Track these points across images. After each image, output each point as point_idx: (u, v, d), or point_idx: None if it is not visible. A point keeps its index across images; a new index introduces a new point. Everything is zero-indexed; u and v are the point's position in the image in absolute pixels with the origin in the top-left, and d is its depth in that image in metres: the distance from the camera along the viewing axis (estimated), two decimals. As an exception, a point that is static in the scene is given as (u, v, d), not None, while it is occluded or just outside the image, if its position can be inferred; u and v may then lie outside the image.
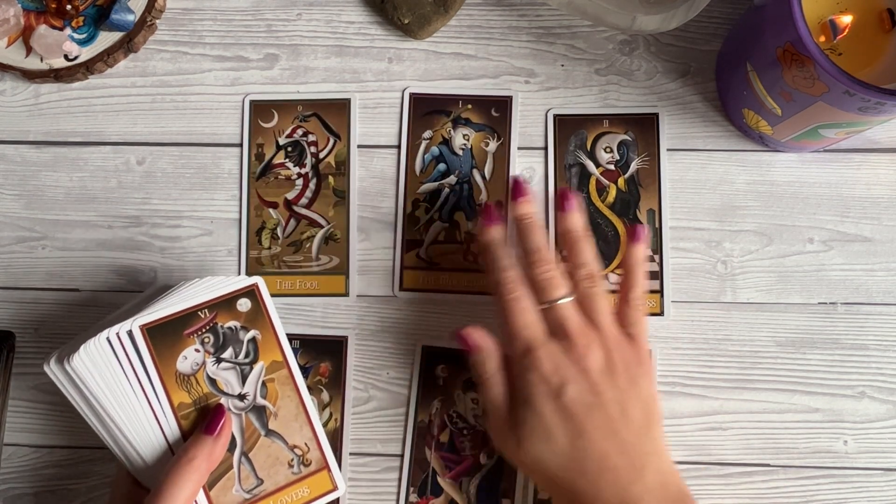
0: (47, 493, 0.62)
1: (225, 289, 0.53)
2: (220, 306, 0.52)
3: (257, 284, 0.53)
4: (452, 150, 0.64)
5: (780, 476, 0.60)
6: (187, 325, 0.51)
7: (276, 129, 0.64)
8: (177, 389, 0.51)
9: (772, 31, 0.50)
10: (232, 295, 0.53)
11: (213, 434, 0.50)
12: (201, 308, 0.52)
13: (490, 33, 0.64)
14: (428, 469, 0.60)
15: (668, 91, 0.63)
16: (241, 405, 0.52)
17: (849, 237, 0.62)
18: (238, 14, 0.65)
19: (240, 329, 0.52)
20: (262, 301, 0.53)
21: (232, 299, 0.53)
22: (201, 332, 0.51)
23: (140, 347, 0.50)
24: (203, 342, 0.51)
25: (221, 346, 0.52)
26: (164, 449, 0.50)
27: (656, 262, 0.62)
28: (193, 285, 0.53)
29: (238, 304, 0.52)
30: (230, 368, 0.52)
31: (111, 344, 0.49)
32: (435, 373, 0.61)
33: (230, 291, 0.53)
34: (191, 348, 0.51)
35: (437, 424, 0.61)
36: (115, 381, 0.49)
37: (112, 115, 0.65)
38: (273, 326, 0.53)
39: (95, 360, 0.49)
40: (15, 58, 0.64)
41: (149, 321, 0.50)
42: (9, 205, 0.64)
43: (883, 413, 0.60)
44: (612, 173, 0.63)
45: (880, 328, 0.61)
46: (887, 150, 0.62)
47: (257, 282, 0.54)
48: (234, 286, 0.53)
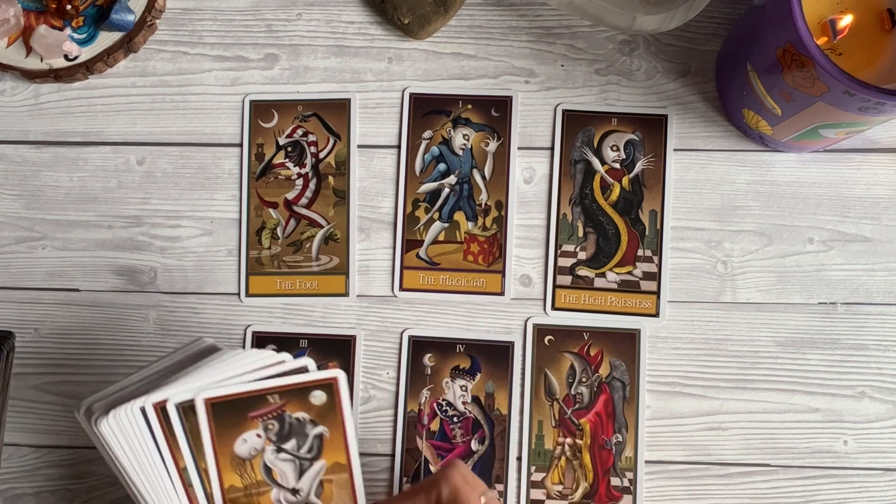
0: (47, 493, 0.62)
1: (296, 377, 0.48)
2: (292, 394, 0.48)
3: (338, 378, 0.49)
4: (452, 150, 0.64)
5: (780, 476, 0.60)
6: (254, 407, 0.47)
7: (276, 129, 0.64)
8: (230, 471, 0.48)
9: (772, 31, 0.50)
10: (307, 385, 0.48)
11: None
12: (272, 392, 0.48)
13: (490, 33, 0.64)
14: (420, 458, 0.60)
15: (667, 91, 0.63)
16: (293, 500, 0.49)
17: (849, 237, 0.62)
18: (238, 14, 0.65)
19: (308, 422, 0.49)
20: (338, 397, 0.49)
21: (306, 389, 0.48)
22: (267, 418, 0.48)
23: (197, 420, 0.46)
24: (267, 428, 0.48)
25: (285, 437, 0.48)
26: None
27: (655, 263, 0.62)
28: (245, 357, 0.49)
29: (312, 395, 0.48)
30: (289, 460, 0.49)
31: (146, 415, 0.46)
32: (422, 362, 0.61)
33: (308, 380, 0.48)
34: (252, 432, 0.48)
35: (426, 414, 0.61)
36: (147, 454, 0.46)
37: (112, 115, 0.65)
38: (345, 426, 0.49)
39: (126, 428, 0.46)
40: (15, 58, 0.64)
41: (215, 395, 0.47)
42: (9, 205, 0.64)
43: (883, 413, 0.60)
44: (617, 172, 0.63)
45: (880, 328, 0.61)
46: (887, 150, 0.62)
47: (338, 376, 0.49)
48: (309, 377, 0.48)
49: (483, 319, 0.62)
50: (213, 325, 0.63)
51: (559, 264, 0.62)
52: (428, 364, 0.61)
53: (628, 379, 0.61)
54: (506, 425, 0.61)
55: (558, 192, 0.63)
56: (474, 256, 0.63)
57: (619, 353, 0.61)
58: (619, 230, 0.62)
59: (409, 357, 0.62)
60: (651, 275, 0.62)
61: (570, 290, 0.62)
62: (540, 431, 0.61)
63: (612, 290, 0.62)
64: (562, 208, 0.63)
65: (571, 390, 0.61)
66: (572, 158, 0.63)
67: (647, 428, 0.60)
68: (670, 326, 0.61)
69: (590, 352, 0.61)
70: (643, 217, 0.62)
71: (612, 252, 0.62)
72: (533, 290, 0.62)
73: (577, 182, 0.63)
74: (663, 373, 0.61)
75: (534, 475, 0.60)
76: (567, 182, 0.63)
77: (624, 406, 0.61)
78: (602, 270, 0.62)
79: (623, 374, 0.61)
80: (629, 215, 0.62)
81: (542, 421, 0.61)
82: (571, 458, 0.60)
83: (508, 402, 0.61)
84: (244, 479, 0.48)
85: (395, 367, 0.62)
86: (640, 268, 0.62)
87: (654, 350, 0.61)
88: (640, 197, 0.63)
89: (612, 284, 0.62)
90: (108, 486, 0.62)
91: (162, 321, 0.63)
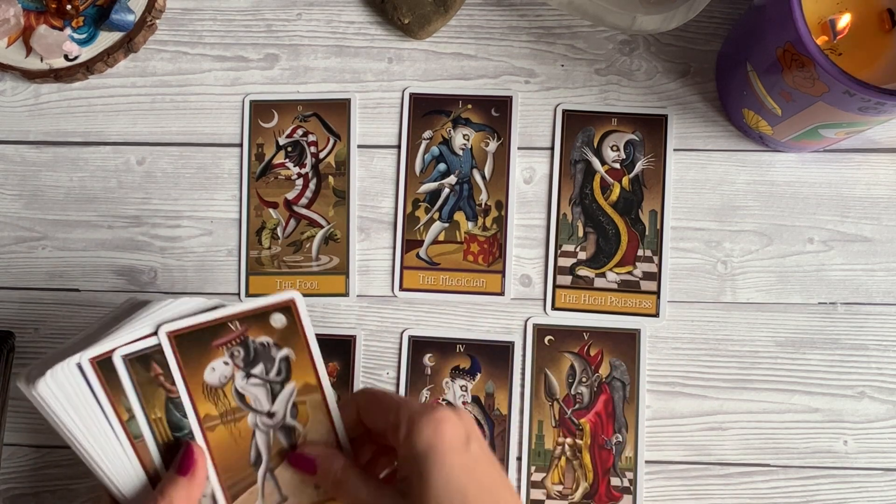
0: (47, 493, 0.62)
1: (253, 303, 0.48)
2: (251, 320, 0.48)
3: (294, 300, 0.49)
4: (452, 149, 0.64)
5: (780, 476, 0.60)
6: (217, 335, 0.48)
7: (276, 129, 0.64)
8: (203, 401, 0.48)
9: (772, 31, 0.50)
10: (266, 308, 0.49)
11: (187, 475, 0.47)
12: (232, 319, 0.48)
13: (490, 33, 0.64)
14: None
15: (668, 91, 0.63)
16: (270, 423, 0.49)
17: (849, 237, 0.62)
18: (238, 14, 0.65)
19: (272, 346, 0.49)
20: (298, 319, 0.49)
21: (265, 313, 0.49)
22: (231, 345, 0.49)
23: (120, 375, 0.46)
24: (233, 355, 0.49)
25: (252, 362, 0.49)
26: (144, 483, 0.48)
27: (655, 263, 0.62)
28: (168, 306, 0.49)
29: (272, 318, 0.49)
30: (260, 385, 0.49)
31: (83, 371, 0.46)
32: (422, 362, 0.61)
33: (265, 304, 0.48)
34: (219, 360, 0.48)
35: None
36: (88, 411, 0.46)
37: (112, 115, 0.65)
38: (309, 347, 0.49)
39: (64, 386, 0.45)
40: (15, 58, 0.64)
41: (176, 328, 0.47)
42: (9, 205, 0.64)
43: (883, 413, 0.60)
44: (617, 172, 0.63)
45: (880, 328, 0.61)
46: (887, 150, 0.62)
47: (294, 297, 0.49)
48: (266, 301, 0.48)
49: (483, 319, 0.62)
50: (213, 325, 0.63)
51: (559, 264, 0.62)
52: (428, 364, 0.62)
53: (628, 379, 0.61)
54: (506, 425, 0.61)
55: (558, 192, 0.63)
56: (474, 256, 0.63)
57: (619, 353, 0.61)
58: (619, 230, 0.62)
59: (409, 357, 0.62)
60: (651, 275, 0.62)
61: (570, 290, 0.62)
62: (540, 431, 0.61)
63: (612, 290, 0.62)
64: (562, 208, 0.63)
65: (571, 390, 0.61)
66: (572, 158, 0.63)
67: (647, 428, 0.60)
68: (670, 326, 0.61)
69: (590, 352, 0.61)
70: (643, 217, 0.62)
71: (612, 252, 0.62)
72: (533, 290, 0.62)
73: (577, 182, 0.63)
74: (663, 373, 0.61)
75: (534, 475, 0.60)
76: (567, 182, 0.63)
77: (624, 406, 0.61)
78: (602, 270, 0.62)
79: (623, 374, 0.61)
80: (629, 215, 0.62)
81: (542, 421, 0.61)
82: (571, 458, 0.60)
83: (508, 402, 0.61)
84: (219, 407, 0.49)
85: (395, 367, 0.62)
86: (640, 268, 0.62)
87: (654, 350, 0.61)
88: (640, 197, 0.63)
89: (612, 284, 0.62)
90: (108, 486, 0.62)
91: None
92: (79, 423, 0.46)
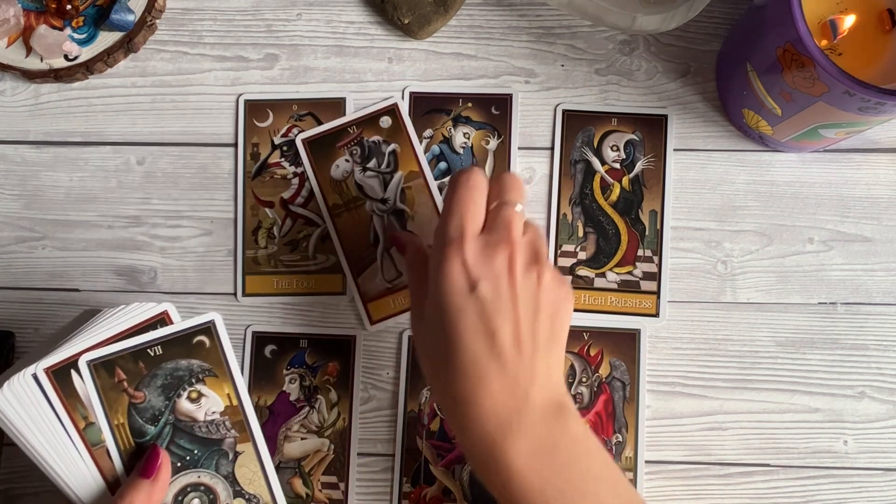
0: (47, 493, 0.62)
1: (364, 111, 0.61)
2: (365, 123, 0.61)
3: (397, 104, 0.61)
4: (453, 148, 0.64)
5: (780, 476, 0.60)
6: (339, 139, 0.61)
7: (272, 128, 0.64)
8: (331, 192, 0.61)
9: (772, 31, 0.50)
10: (375, 114, 0.62)
11: (150, 477, 0.47)
12: (350, 125, 0.61)
13: (490, 33, 0.64)
14: (420, 458, 0.60)
15: (668, 91, 0.63)
16: (384, 208, 0.61)
17: (849, 237, 0.62)
18: (238, 14, 0.65)
19: (382, 143, 0.61)
20: (401, 118, 0.61)
21: (375, 117, 0.61)
22: (350, 145, 0.61)
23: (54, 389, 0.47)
24: (352, 154, 0.61)
25: (367, 157, 0.61)
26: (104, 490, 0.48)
27: (655, 263, 0.62)
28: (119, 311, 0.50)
29: (381, 121, 0.61)
30: (374, 176, 0.61)
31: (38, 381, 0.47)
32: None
33: (374, 111, 0.62)
34: (342, 158, 0.61)
35: (426, 413, 0.61)
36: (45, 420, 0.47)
37: (112, 115, 0.65)
38: (411, 140, 0.61)
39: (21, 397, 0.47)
40: (15, 58, 0.64)
41: (309, 135, 0.61)
42: (9, 205, 0.64)
43: (883, 413, 0.60)
44: (617, 172, 0.63)
45: (880, 328, 0.61)
46: (887, 150, 0.62)
47: (397, 101, 0.62)
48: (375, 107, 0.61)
49: (483, 319, 0.62)
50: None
51: (559, 264, 0.62)
52: (428, 364, 0.61)
53: (628, 379, 0.61)
54: (506, 425, 0.61)
55: (558, 192, 0.63)
56: (474, 256, 0.63)
57: (619, 353, 0.61)
58: (619, 230, 0.62)
59: (409, 357, 0.61)
60: (651, 275, 0.62)
61: (570, 290, 0.62)
62: (540, 431, 0.61)
63: (612, 290, 0.62)
64: (562, 208, 0.63)
65: (571, 390, 0.61)
66: (572, 158, 0.63)
67: (647, 428, 0.60)
68: (670, 326, 0.61)
69: (590, 352, 0.61)
70: (643, 217, 0.62)
71: (612, 252, 0.62)
72: (533, 290, 0.62)
73: (577, 182, 0.63)
74: (663, 373, 0.61)
75: (534, 475, 0.60)
76: (567, 182, 0.63)
77: (624, 406, 0.61)
78: (602, 270, 0.62)
79: (623, 374, 0.61)
80: (629, 215, 0.62)
81: (541, 421, 0.61)
82: (571, 458, 0.60)
83: (508, 402, 0.61)
84: (343, 197, 0.61)
85: (395, 367, 0.62)
86: (640, 268, 0.62)
87: (654, 350, 0.61)
88: (640, 197, 0.63)
89: (612, 284, 0.62)
90: (108, 485, 0.62)
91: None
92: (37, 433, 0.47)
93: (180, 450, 0.50)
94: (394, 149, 0.62)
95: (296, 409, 0.61)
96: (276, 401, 0.61)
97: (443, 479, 0.60)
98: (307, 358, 0.61)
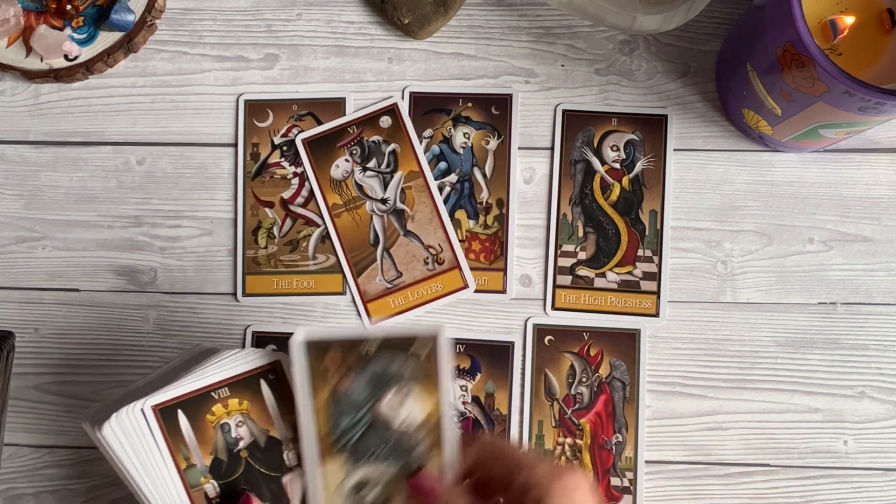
0: (47, 493, 0.62)
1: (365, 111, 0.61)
2: (365, 123, 0.62)
3: (396, 104, 0.62)
4: (453, 148, 0.64)
5: (780, 476, 0.60)
6: (339, 139, 0.61)
7: (271, 128, 0.64)
8: (331, 192, 0.62)
9: (772, 31, 0.50)
10: (375, 113, 0.62)
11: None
12: (350, 125, 0.62)
13: (490, 33, 0.64)
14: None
15: (668, 91, 0.63)
16: (384, 208, 0.61)
17: (849, 237, 0.62)
18: (238, 14, 0.65)
19: (382, 142, 0.62)
20: (401, 118, 0.61)
21: (375, 117, 0.62)
22: (350, 145, 0.61)
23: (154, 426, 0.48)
24: (352, 153, 0.61)
25: (367, 157, 0.61)
26: None
27: (655, 263, 0.62)
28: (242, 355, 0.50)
29: (380, 121, 0.61)
30: (374, 176, 0.61)
31: (145, 417, 0.47)
32: None
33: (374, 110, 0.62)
34: (342, 158, 0.62)
35: None
36: (149, 456, 0.47)
37: (112, 115, 0.65)
38: (411, 140, 0.61)
39: (127, 431, 0.47)
40: (15, 58, 0.64)
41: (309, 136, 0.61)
42: (9, 205, 0.64)
43: (883, 413, 0.60)
44: (617, 172, 0.63)
45: (880, 328, 0.61)
46: (887, 150, 0.62)
47: (397, 101, 0.62)
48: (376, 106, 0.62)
49: (483, 319, 0.62)
50: (213, 326, 0.63)
51: (559, 264, 0.62)
52: (428, 364, 0.61)
53: (628, 379, 0.61)
54: (506, 425, 0.61)
55: (558, 192, 0.63)
56: (476, 254, 0.63)
57: (619, 353, 0.61)
58: (619, 230, 0.62)
59: (409, 357, 0.61)
60: (651, 275, 0.62)
61: (570, 290, 0.62)
62: (540, 431, 0.61)
63: (612, 290, 0.62)
64: (562, 208, 0.63)
65: (571, 390, 0.61)
66: (572, 158, 0.63)
67: (647, 428, 0.60)
68: (670, 326, 0.61)
69: (590, 352, 0.61)
70: (643, 217, 0.62)
71: (612, 252, 0.62)
72: (533, 290, 0.62)
73: (577, 182, 0.63)
74: (663, 373, 0.61)
75: (534, 475, 0.60)
76: (567, 182, 0.63)
77: (624, 406, 0.61)
78: (602, 270, 0.62)
79: (623, 374, 0.61)
80: (629, 215, 0.62)
81: (542, 421, 0.61)
82: (571, 458, 0.60)
83: (508, 402, 0.61)
84: (343, 197, 0.62)
85: (395, 367, 0.62)
86: (640, 268, 0.62)
87: (654, 350, 0.61)
88: (640, 197, 0.63)
89: (612, 284, 0.62)
90: (109, 486, 0.62)
91: (162, 321, 0.63)
92: (139, 468, 0.47)
93: (368, 448, 0.47)
94: (394, 149, 0.62)
95: (296, 409, 0.61)
96: (277, 401, 0.61)
97: (443, 479, 0.60)
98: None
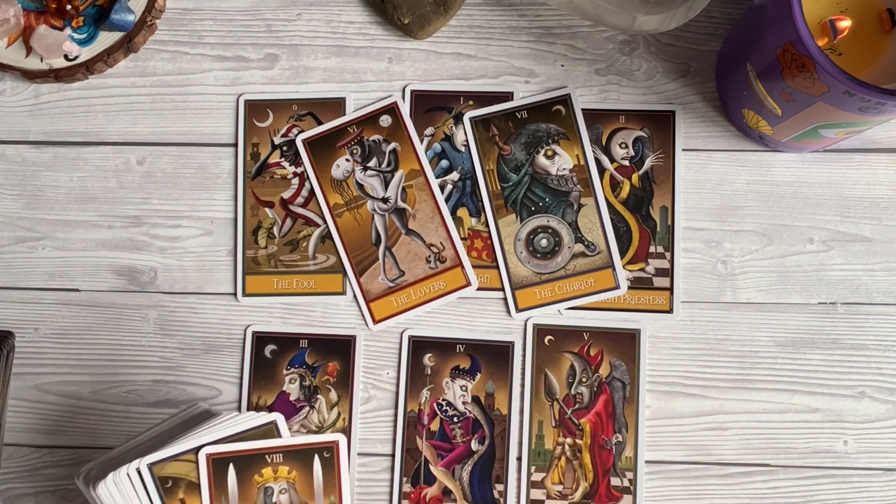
0: (47, 493, 0.62)
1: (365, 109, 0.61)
2: (365, 122, 0.62)
3: (396, 103, 0.62)
4: (454, 146, 0.64)
5: (780, 476, 0.60)
6: (339, 138, 0.61)
7: (271, 128, 0.64)
8: (332, 192, 0.61)
9: (772, 31, 0.50)
10: (375, 112, 0.62)
11: None
12: (350, 124, 0.61)
13: (490, 33, 0.64)
14: (420, 458, 0.60)
15: (668, 91, 0.63)
16: (385, 207, 0.61)
17: (849, 237, 0.62)
18: (238, 14, 0.65)
19: (382, 142, 0.62)
20: (401, 117, 0.61)
21: (375, 116, 0.62)
22: (350, 145, 0.61)
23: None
24: (352, 153, 0.61)
25: (367, 157, 0.61)
26: None
27: (667, 260, 0.62)
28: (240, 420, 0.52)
29: (380, 120, 0.61)
30: (375, 175, 0.61)
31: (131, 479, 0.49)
32: (422, 362, 0.61)
33: (374, 110, 0.62)
34: (342, 158, 0.62)
35: (426, 414, 0.61)
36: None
37: (112, 115, 0.65)
38: (411, 139, 0.61)
39: (123, 489, 0.49)
40: (15, 58, 0.64)
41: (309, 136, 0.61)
42: (9, 205, 0.64)
43: (883, 413, 0.60)
44: (627, 169, 0.63)
45: (880, 328, 0.61)
46: (887, 150, 0.62)
47: (396, 100, 0.62)
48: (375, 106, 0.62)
49: (483, 319, 0.62)
50: (213, 326, 0.63)
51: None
52: (428, 364, 0.61)
53: (628, 379, 0.61)
54: (506, 425, 0.61)
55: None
56: (478, 252, 0.63)
57: (619, 353, 0.61)
58: (630, 227, 0.62)
59: (409, 357, 0.62)
60: (664, 271, 0.62)
61: (570, 290, 0.62)
62: (540, 431, 0.61)
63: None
64: (562, 208, 0.63)
65: (571, 390, 0.61)
66: (573, 158, 0.63)
67: (647, 428, 0.60)
68: (670, 326, 0.61)
69: (590, 352, 0.61)
70: (654, 213, 0.62)
71: (623, 249, 0.62)
72: (533, 290, 0.62)
73: (578, 182, 0.63)
74: (663, 373, 0.61)
75: (534, 475, 0.60)
76: (567, 182, 0.63)
77: (624, 406, 0.61)
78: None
79: (623, 374, 0.61)
80: (640, 212, 0.62)
81: (542, 421, 0.61)
82: (571, 458, 0.60)
83: (508, 402, 0.61)
84: (344, 196, 0.62)
85: (395, 367, 0.62)
86: (652, 264, 0.62)
87: (654, 350, 0.61)
88: (650, 193, 0.62)
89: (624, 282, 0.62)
90: (108, 485, 0.62)
91: (162, 321, 0.63)
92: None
93: (535, 196, 0.60)
94: (394, 147, 0.62)
95: (296, 409, 0.61)
96: (276, 401, 0.61)
97: (443, 479, 0.60)
98: (307, 358, 0.62)
